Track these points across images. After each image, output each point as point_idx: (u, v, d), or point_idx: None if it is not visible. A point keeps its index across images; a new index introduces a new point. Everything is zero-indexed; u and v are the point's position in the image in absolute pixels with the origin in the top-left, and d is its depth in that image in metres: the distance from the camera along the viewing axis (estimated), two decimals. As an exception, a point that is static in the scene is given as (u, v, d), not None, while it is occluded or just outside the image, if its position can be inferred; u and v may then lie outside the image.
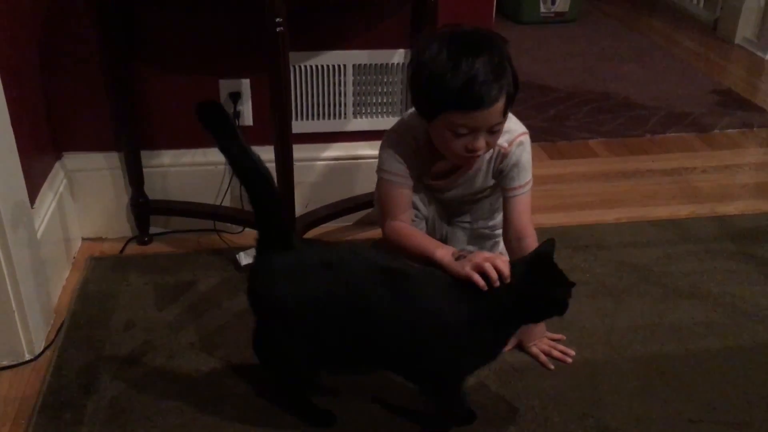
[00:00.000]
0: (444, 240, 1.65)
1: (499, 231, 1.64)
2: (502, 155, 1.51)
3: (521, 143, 1.51)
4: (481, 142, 1.38)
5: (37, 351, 1.51)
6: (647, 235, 1.95)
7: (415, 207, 1.56)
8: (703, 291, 1.73)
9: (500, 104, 1.35)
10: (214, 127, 1.24)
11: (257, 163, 1.24)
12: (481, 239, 1.68)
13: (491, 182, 1.57)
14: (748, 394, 1.43)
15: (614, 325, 1.61)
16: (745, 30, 3.45)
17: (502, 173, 1.53)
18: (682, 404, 1.41)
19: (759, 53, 3.34)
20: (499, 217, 1.64)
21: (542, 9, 3.72)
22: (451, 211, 1.67)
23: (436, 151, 1.48)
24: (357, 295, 1.23)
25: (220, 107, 1.25)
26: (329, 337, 1.25)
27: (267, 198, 1.26)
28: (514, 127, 1.51)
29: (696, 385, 1.46)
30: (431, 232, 1.63)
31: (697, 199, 2.14)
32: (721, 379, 1.47)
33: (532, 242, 1.49)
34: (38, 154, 1.68)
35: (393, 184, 1.51)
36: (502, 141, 1.49)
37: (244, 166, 1.25)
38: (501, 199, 1.58)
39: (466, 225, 1.68)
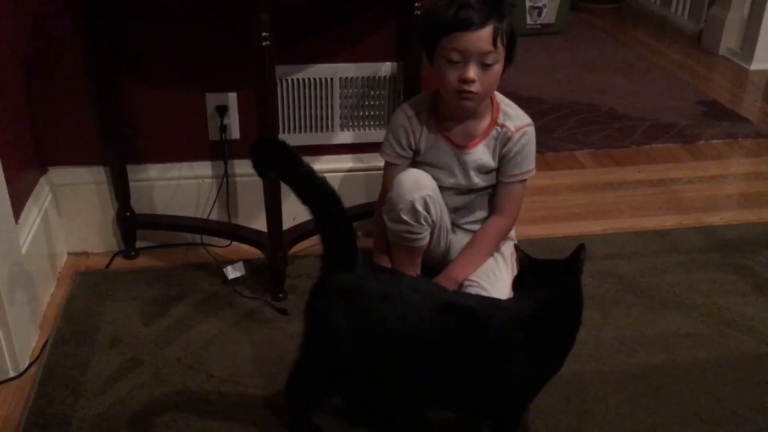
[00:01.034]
0: (447, 245, 1.67)
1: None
2: (507, 137, 1.59)
3: (526, 133, 1.61)
4: (471, 72, 1.47)
5: (22, 367, 1.49)
6: (634, 246, 1.95)
7: (427, 208, 1.56)
8: (690, 302, 1.73)
9: (488, 29, 1.45)
10: (276, 161, 1.25)
11: (324, 185, 1.23)
12: None
13: (496, 165, 1.62)
14: (735, 405, 1.44)
15: (601, 336, 1.62)
16: (728, 41, 3.49)
17: (504, 158, 1.61)
18: (670, 416, 1.41)
19: (743, 64, 3.37)
20: None
21: (529, 21, 3.75)
22: (459, 209, 1.68)
23: (444, 114, 1.59)
24: (414, 330, 1.20)
25: (278, 141, 1.28)
26: (376, 366, 1.25)
27: (337, 217, 1.24)
28: (522, 116, 1.62)
29: (683, 396, 1.46)
30: (436, 239, 1.64)
31: (683, 209, 2.15)
32: (709, 390, 1.47)
33: (499, 221, 1.63)
34: (23, 169, 1.67)
35: (387, 163, 1.66)
36: (510, 125, 1.60)
37: (310, 190, 1.24)
38: None
39: (470, 227, 1.69)
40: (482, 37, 1.46)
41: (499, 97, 1.63)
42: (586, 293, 1.73)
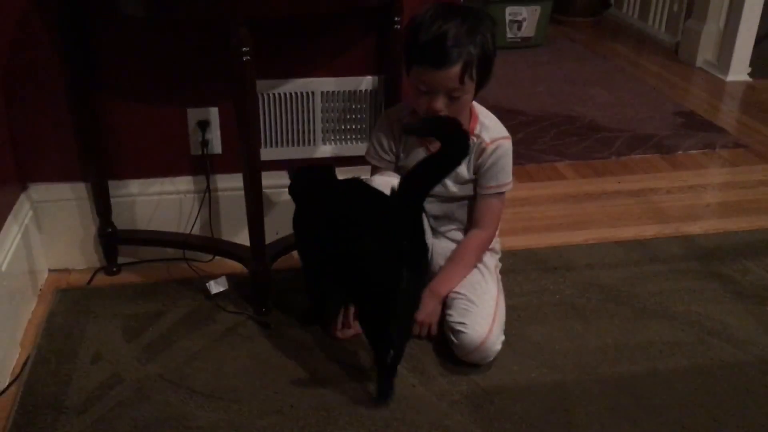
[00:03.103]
0: (430, 253, 1.67)
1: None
2: (482, 149, 1.60)
3: (501, 146, 1.61)
4: (438, 104, 1.49)
5: (2, 386, 1.48)
6: (614, 256, 1.97)
7: None
8: (670, 310, 1.75)
9: (456, 68, 1.45)
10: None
11: None
12: None
13: (472, 176, 1.63)
14: (716, 413, 1.45)
15: (584, 346, 1.63)
16: (705, 53, 3.54)
17: (480, 170, 1.61)
18: (652, 424, 1.42)
19: (719, 75, 3.42)
20: None
21: (509, 34, 3.79)
22: (439, 217, 1.69)
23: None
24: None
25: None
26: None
27: None
28: (499, 129, 1.63)
29: (665, 404, 1.47)
30: None
31: (663, 219, 2.17)
32: (690, 398, 1.49)
33: (479, 234, 1.65)
34: (2, 186, 1.66)
35: (372, 167, 1.70)
36: (485, 136, 1.60)
37: None
38: None
39: (451, 235, 1.71)
40: (450, 75, 1.46)
41: (479, 108, 1.65)
42: (568, 303, 1.77)
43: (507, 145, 1.62)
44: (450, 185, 1.64)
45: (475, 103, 1.63)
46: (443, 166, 1.43)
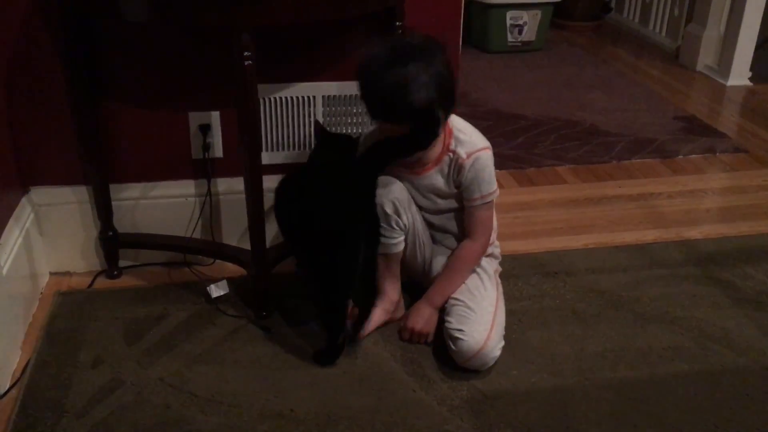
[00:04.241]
0: (427, 259, 1.69)
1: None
2: (459, 165, 1.59)
3: (479, 158, 1.59)
4: None
5: (3, 390, 1.48)
6: (615, 261, 1.97)
7: (397, 212, 1.59)
8: (670, 315, 1.75)
9: (415, 120, 1.46)
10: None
11: None
12: None
13: (454, 190, 1.63)
14: (716, 418, 1.45)
15: (584, 350, 1.63)
16: (706, 58, 3.55)
17: (462, 185, 1.61)
18: (652, 429, 1.42)
19: (720, 80, 3.42)
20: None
21: (509, 38, 3.79)
22: (435, 226, 1.70)
23: None
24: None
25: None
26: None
27: None
28: (475, 141, 1.60)
29: (665, 409, 1.47)
30: (412, 250, 1.65)
31: (663, 224, 2.18)
32: (689, 403, 1.49)
33: (471, 245, 1.65)
34: (4, 189, 1.67)
35: None
36: (461, 151, 1.58)
37: None
38: None
39: (448, 243, 1.71)
40: (401, 128, 1.48)
41: (455, 121, 1.62)
42: (568, 307, 1.77)
43: (485, 156, 1.60)
44: (434, 198, 1.64)
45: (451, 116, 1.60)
46: (408, 146, 1.52)
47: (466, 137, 1.60)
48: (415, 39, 1.50)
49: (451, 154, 1.59)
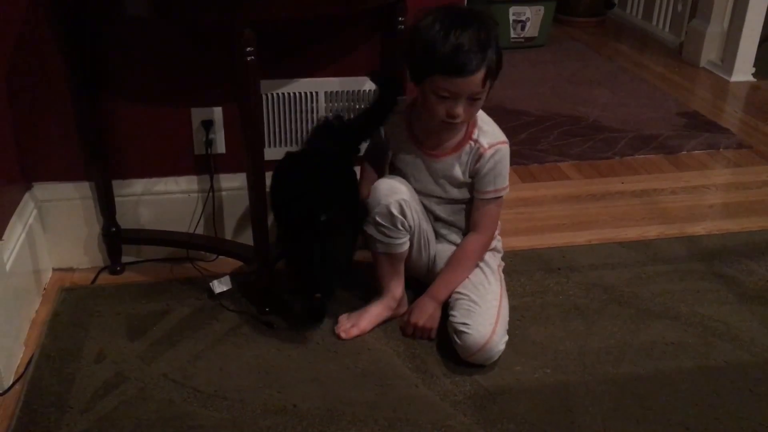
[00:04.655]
0: (431, 257, 1.69)
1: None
2: (480, 153, 1.60)
3: (499, 150, 1.61)
4: (459, 109, 1.50)
5: (6, 385, 1.48)
6: (618, 257, 1.97)
7: (403, 213, 1.58)
8: (674, 311, 1.75)
9: (481, 74, 1.47)
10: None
11: None
12: None
13: (468, 180, 1.62)
14: (720, 413, 1.45)
15: (587, 346, 1.63)
16: (709, 53, 3.53)
17: (477, 175, 1.61)
18: (656, 425, 1.42)
19: (723, 76, 3.41)
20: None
21: (512, 34, 3.78)
22: (442, 219, 1.69)
23: (419, 122, 1.63)
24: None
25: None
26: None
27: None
28: (497, 133, 1.63)
29: (669, 405, 1.47)
30: (417, 249, 1.65)
31: (666, 219, 2.17)
32: (693, 399, 1.48)
33: (477, 239, 1.65)
34: (7, 185, 1.67)
35: (363, 160, 1.73)
36: (483, 141, 1.60)
37: None
38: None
39: (454, 239, 1.71)
40: (475, 81, 1.47)
41: (479, 112, 1.64)
42: (571, 303, 1.77)
43: (505, 149, 1.62)
44: (447, 186, 1.64)
45: None
46: (379, 112, 1.64)
47: (489, 128, 1.63)
48: (464, 9, 1.56)
49: (472, 143, 1.60)
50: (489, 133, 1.62)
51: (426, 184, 1.65)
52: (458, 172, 1.62)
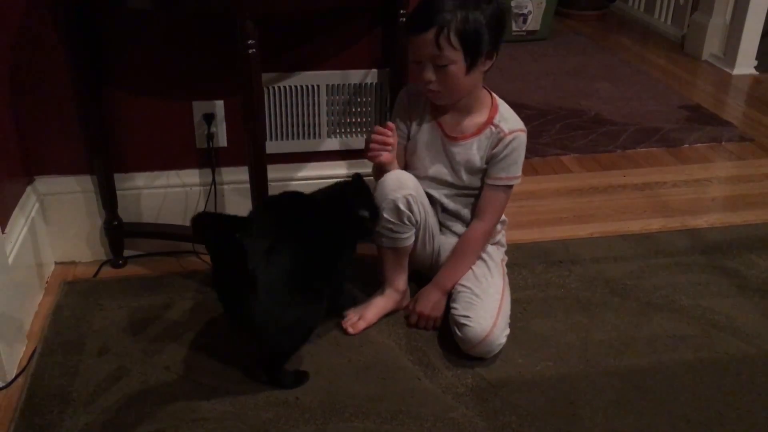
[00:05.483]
0: (436, 250, 1.69)
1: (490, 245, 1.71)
2: (499, 138, 1.61)
3: (518, 137, 1.62)
4: (427, 73, 1.52)
5: (9, 378, 1.49)
6: (620, 250, 1.97)
7: (410, 207, 1.58)
8: (676, 304, 1.75)
9: (430, 33, 1.47)
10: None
11: None
12: None
13: (484, 165, 1.63)
14: (722, 406, 1.45)
15: (589, 339, 1.63)
16: (711, 46, 3.53)
17: (493, 159, 1.62)
18: (658, 417, 1.42)
19: (726, 69, 3.41)
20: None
21: (514, 28, 3.78)
22: (449, 211, 1.70)
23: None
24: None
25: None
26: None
27: None
28: (517, 121, 1.65)
29: (671, 398, 1.47)
30: (422, 243, 1.65)
31: (668, 212, 2.17)
32: (695, 392, 1.49)
33: (480, 226, 1.65)
34: (9, 179, 1.67)
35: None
36: (504, 126, 1.61)
37: None
38: None
39: (457, 229, 1.71)
40: (426, 40, 1.49)
41: (499, 99, 1.66)
42: (573, 296, 1.76)
43: (523, 137, 1.63)
44: (462, 173, 1.64)
45: (494, 94, 1.65)
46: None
47: (509, 115, 1.64)
48: None
49: (493, 128, 1.61)
50: (510, 120, 1.63)
51: (440, 167, 1.65)
52: (476, 156, 1.62)
